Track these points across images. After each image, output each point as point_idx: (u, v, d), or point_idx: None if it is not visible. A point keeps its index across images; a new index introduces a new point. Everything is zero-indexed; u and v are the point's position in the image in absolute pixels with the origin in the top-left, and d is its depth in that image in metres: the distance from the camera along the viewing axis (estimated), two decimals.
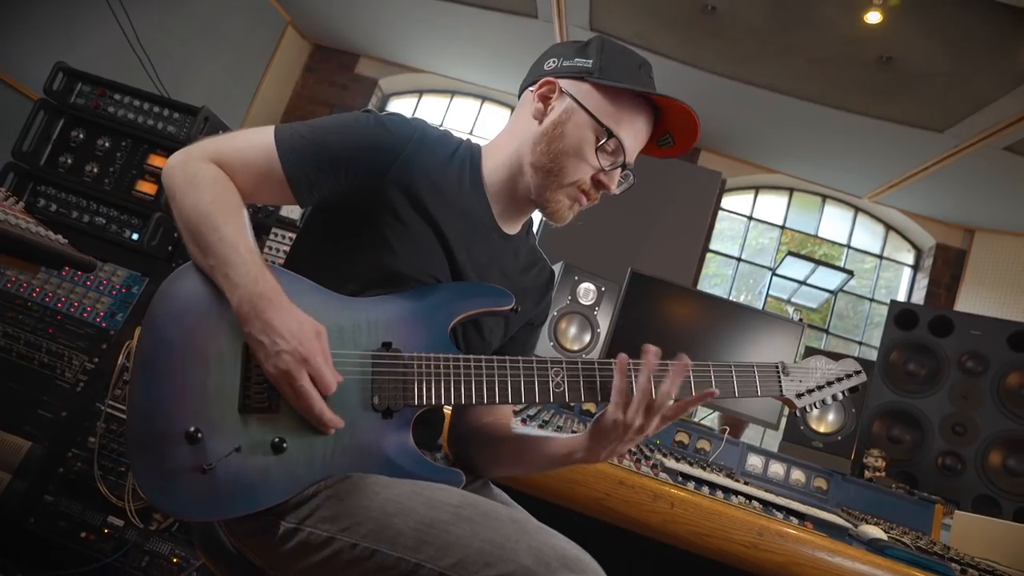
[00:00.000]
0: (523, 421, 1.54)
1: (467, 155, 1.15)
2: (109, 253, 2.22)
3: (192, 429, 0.87)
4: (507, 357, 1.03)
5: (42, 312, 2.16)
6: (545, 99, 1.12)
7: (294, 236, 2.33)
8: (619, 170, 1.12)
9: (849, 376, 1.19)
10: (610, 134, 1.07)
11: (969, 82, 4.31)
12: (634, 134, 1.10)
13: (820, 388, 1.17)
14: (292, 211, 2.36)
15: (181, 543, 1.98)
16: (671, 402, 0.99)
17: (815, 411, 1.46)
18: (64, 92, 2.35)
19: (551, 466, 1.13)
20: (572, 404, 1.90)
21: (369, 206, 1.05)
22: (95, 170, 2.31)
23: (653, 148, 1.18)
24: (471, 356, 1.01)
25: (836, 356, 1.25)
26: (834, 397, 1.18)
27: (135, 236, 2.24)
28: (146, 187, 2.28)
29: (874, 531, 1.49)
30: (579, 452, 1.05)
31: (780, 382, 1.13)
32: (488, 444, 1.19)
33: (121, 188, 2.29)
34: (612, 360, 1.04)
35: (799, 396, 1.15)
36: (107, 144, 2.33)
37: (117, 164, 2.31)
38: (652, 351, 1.01)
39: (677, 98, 1.07)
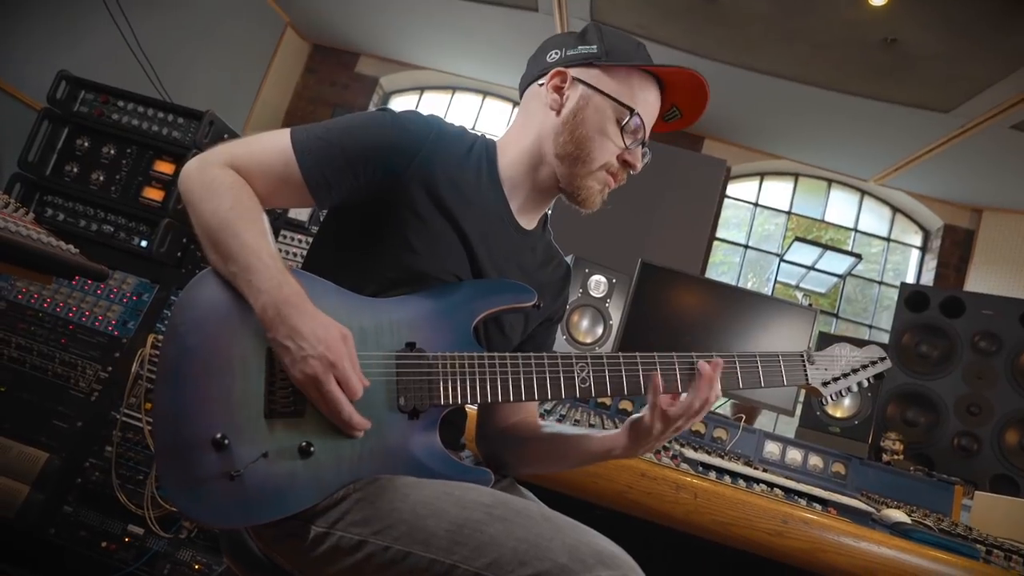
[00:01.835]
0: (540, 416, 1.53)
1: (483, 151, 1.14)
2: (118, 261, 2.22)
3: (219, 436, 0.87)
4: (531, 354, 1.02)
5: (54, 322, 2.16)
6: (559, 89, 1.12)
7: (303, 238, 2.32)
8: (641, 147, 1.13)
9: (874, 363, 1.19)
10: (632, 111, 1.08)
11: (974, 62, 4.28)
12: (649, 109, 1.12)
13: (845, 376, 1.16)
14: (300, 213, 2.35)
15: (202, 549, 1.98)
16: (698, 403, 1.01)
17: (843, 398, 1.45)
18: (67, 100, 2.35)
19: (585, 463, 1.15)
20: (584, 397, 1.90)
21: (388, 205, 1.04)
22: (101, 178, 2.30)
23: (660, 124, 1.19)
24: (495, 354, 1.01)
25: (854, 341, 1.24)
26: (859, 384, 1.17)
27: (144, 243, 2.24)
28: (153, 193, 2.27)
29: (897, 515, 1.48)
30: (617, 450, 1.07)
31: (806, 371, 1.12)
32: (520, 443, 1.19)
33: (128, 195, 2.28)
34: (636, 355, 1.04)
35: (825, 384, 1.14)
36: (112, 151, 2.32)
37: (123, 171, 2.30)
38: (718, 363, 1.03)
39: (686, 68, 1.09)
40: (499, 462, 1.22)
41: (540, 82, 1.15)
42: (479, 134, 1.17)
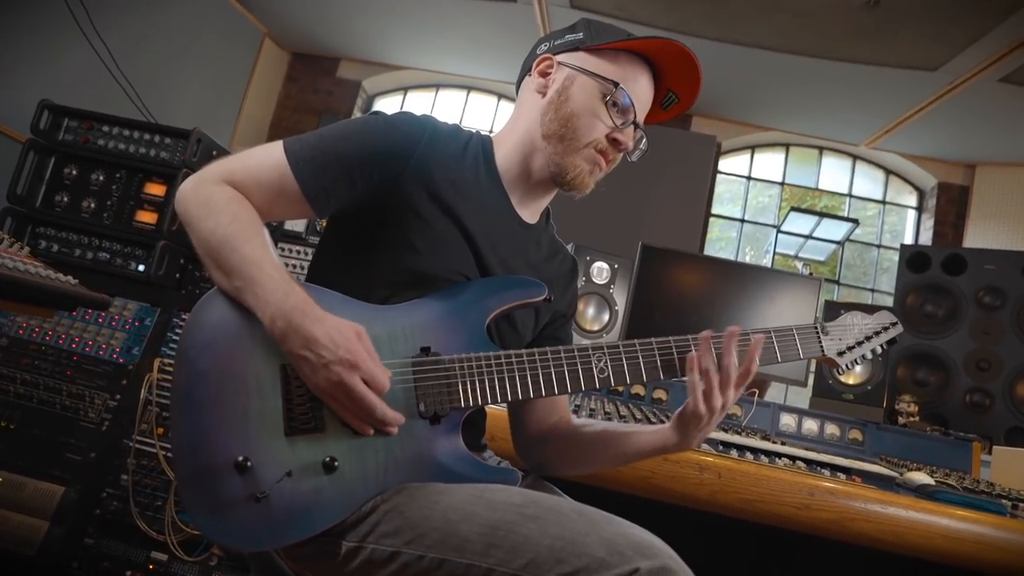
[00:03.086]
0: (573, 412, 1.52)
1: (479, 147, 1.13)
2: (117, 287, 2.20)
3: (240, 458, 0.86)
4: (547, 348, 1.01)
5: (57, 355, 2.14)
6: (545, 73, 1.12)
7: (301, 249, 2.31)
8: (633, 127, 1.10)
9: (886, 328, 1.18)
10: (616, 85, 1.07)
11: (958, 18, 4.26)
12: (639, 88, 1.10)
13: (860, 344, 1.15)
14: (297, 224, 2.33)
15: (227, 570, 1.98)
16: (735, 373, 1.00)
17: (857, 367, 1.45)
18: (51, 130, 2.32)
19: (636, 460, 1.14)
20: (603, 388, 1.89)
21: (388, 209, 1.03)
22: (92, 205, 2.28)
23: (660, 113, 1.18)
24: (511, 352, 0.99)
25: (863, 308, 1.23)
26: (873, 351, 1.17)
27: (141, 268, 2.22)
28: (146, 216, 2.25)
29: (921, 477, 1.48)
30: (670, 445, 1.06)
31: (821, 342, 1.11)
32: (566, 445, 1.18)
33: (121, 220, 2.26)
34: (652, 340, 1.03)
35: (841, 355, 1.13)
36: (101, 177, 2.30)
37: (114, 197, 2.28)
38: (734, 331, 1.02)
39: (669, 37, 1.07)
40: (544, 466, 1.21)
41: (530, 74, 1.15)
42: (473, 131, 1.16)
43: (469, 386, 0.96)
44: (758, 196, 6.84)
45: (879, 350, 1.17)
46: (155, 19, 4.90)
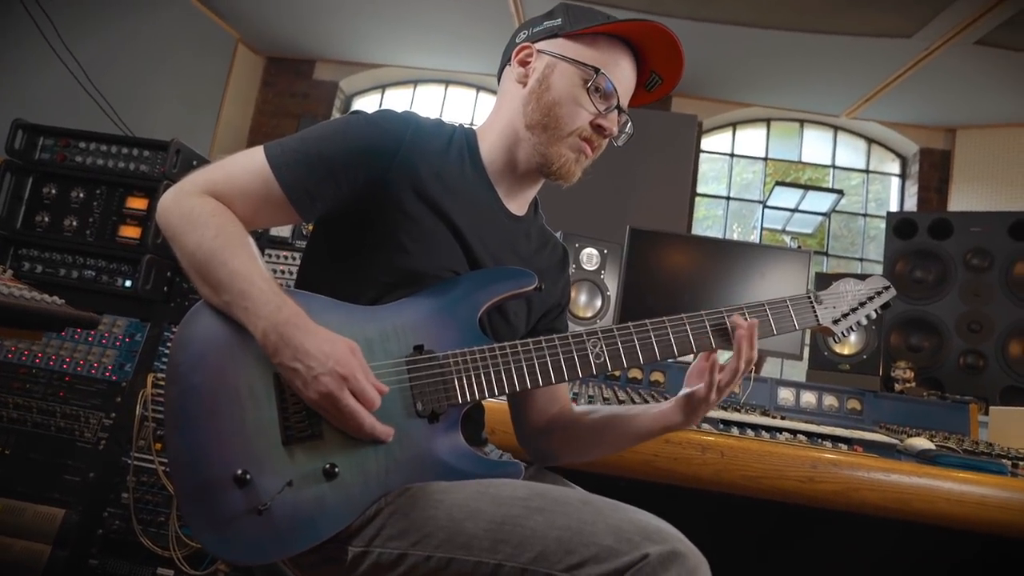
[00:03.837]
0: (573, 401, 1.52)
1: (463, 140, 1.12)
2: (105, 304, 2.18)
3: (240, 472, 0.85)
4: (541, 338, 1.00)
5: (48, 377, 2.12)
6: (525, 63, 1.11)
7: (288, 254, 2.29)
8: (616, 112, 1.09)
9: (879, 293, 1.18)
10: (597, 71, 1.05)
11: None
12: (620, 72, 1.09)
13: (854, 310, 1.15)
14: (283, 229, 2.31)
15: None
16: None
17: (852, 335, 1.45)
18: (27, 149, 2.29)
19: (642, 441, 1.14)
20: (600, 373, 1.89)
21: (375, 208, 1.01)
22: (74, 223, 2.25)
23: (644, 95, 1.16)
24: (505, 344, 0.99)
25: (854, 276, 1.23)
26: (868, 317, 1.17)
27: (128, 283, 2.19)
28: (129, 231, 2.23)
29: (922, 442, 1.49)
30: (673, 424, 1.08)
31: (815, 312, 1.11)
32: (570, 432, 1.17)
33: (104, 237, 2.23)
34: (646, 322, 1.03)
35: (836, 322, 1.13)
36: (81, 195, 2.27)
37: (96, 213, 2.25)
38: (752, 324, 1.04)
39: (648, 19, 1.06)
40: (549, 456, 1.21)
41: (509, 64, 1.13)
42: (456, 125, 1.15)
43: (465, 381, 0.95)
44: (742, 173, 6.85)
45: (874, 315, 1.18)
46: (126, 31, 4.85)
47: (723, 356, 1.06)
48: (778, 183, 5.66)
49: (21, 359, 2.13)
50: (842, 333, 1.15)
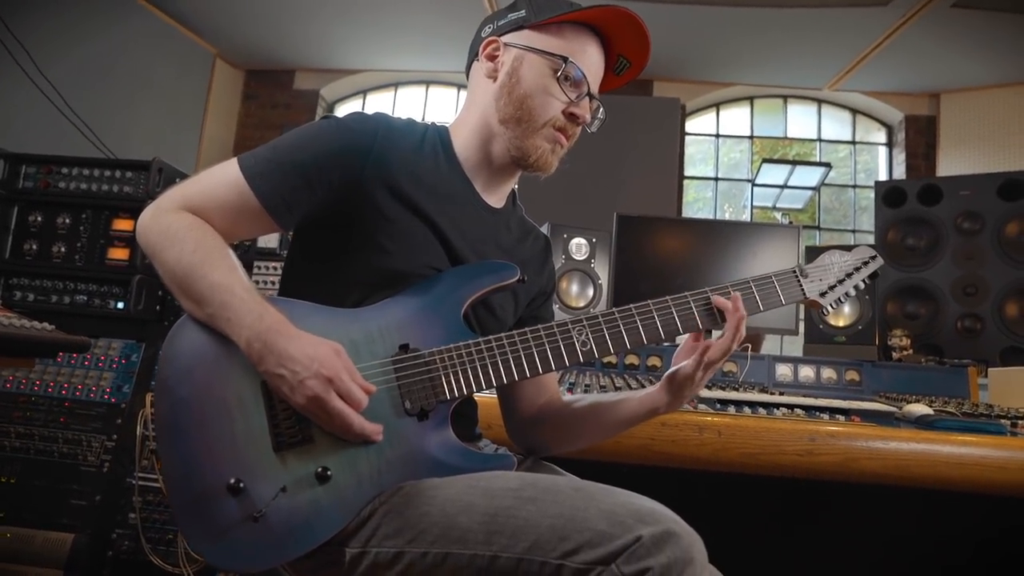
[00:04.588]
0: (566, 391, 1.52)
1: (436, 137, 1.12)
2: (99, 328, 2.18)
3: (232, 481, 0.85)
4: (526, 329, 1.00)
5: (48, 404, 2.13)
6: (493, 57, 1.11)
7: (277, 265, 2.29)
8: (588, 100, 1.09)
9: (866, 263, 1.18)
10: (565, 60, 1.06)
11: None
12: (588, 59, 1.09)
13: (841, 282, 1.15)
14: (270, 240, 2.32)
15: None
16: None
17: (842, 306, 1.45)
18: (10, 178, 2.29)
19: (630, 427, 1.14)
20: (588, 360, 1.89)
21: (352, 211, 1.01)
22: (63, 249, 2.26)
23: (613, 80, 1.16)
24: (491, 338, 0.99)
25: (841, 247, 1.23)
26: (856, 288, 1.17)
27: (120, 305, 2.20)
28: (118, 253, 2.23)
29: (919, 408, 1.49)
30: (660, 407, 1.07)
31: (801, 285, 1.11)
32: (558, 422, 1.18)
33: (93, 261, 2.24)
34: (631, 306, 1.03)
35: (823, 295, 1.13)
36: (68, 220, 2.27)
37: (83, 238, 2.26)
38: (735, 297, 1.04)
39: (610, 3, 1.06)
40: (539, 447, 1.21)
41: (477, 59, 1.13)
42: (428, 123, 1.15)
43: (452, 377, 0.96)
44: (729, 152, 6.85)
45: (862, 285, 1.18)
46: (100, 53, 4.83)
47: (715, 335, 1.06)
48: (765, 160, 5.67)
49: (20, 387, 2.14)
50: (831, 305, 1.15)
